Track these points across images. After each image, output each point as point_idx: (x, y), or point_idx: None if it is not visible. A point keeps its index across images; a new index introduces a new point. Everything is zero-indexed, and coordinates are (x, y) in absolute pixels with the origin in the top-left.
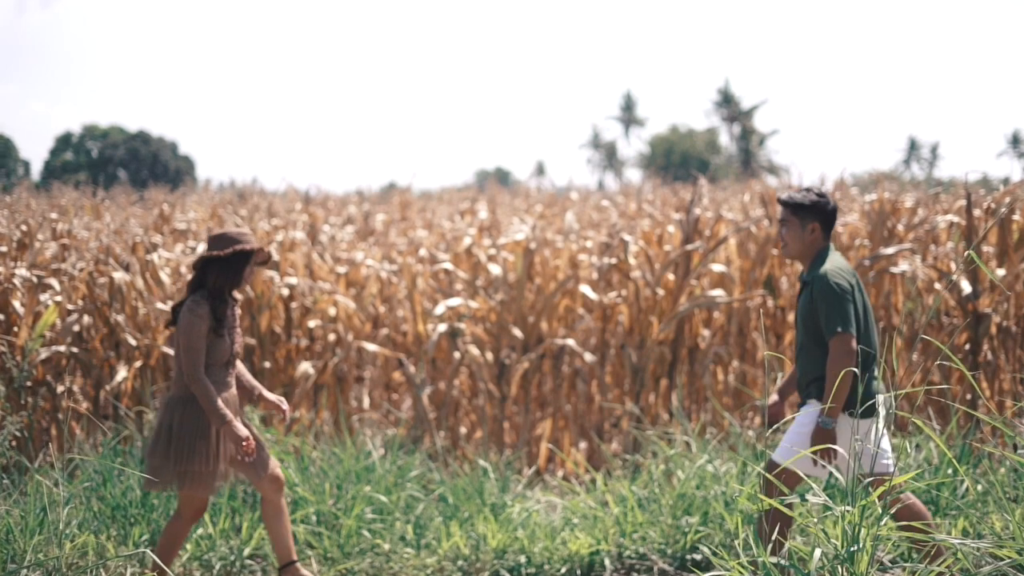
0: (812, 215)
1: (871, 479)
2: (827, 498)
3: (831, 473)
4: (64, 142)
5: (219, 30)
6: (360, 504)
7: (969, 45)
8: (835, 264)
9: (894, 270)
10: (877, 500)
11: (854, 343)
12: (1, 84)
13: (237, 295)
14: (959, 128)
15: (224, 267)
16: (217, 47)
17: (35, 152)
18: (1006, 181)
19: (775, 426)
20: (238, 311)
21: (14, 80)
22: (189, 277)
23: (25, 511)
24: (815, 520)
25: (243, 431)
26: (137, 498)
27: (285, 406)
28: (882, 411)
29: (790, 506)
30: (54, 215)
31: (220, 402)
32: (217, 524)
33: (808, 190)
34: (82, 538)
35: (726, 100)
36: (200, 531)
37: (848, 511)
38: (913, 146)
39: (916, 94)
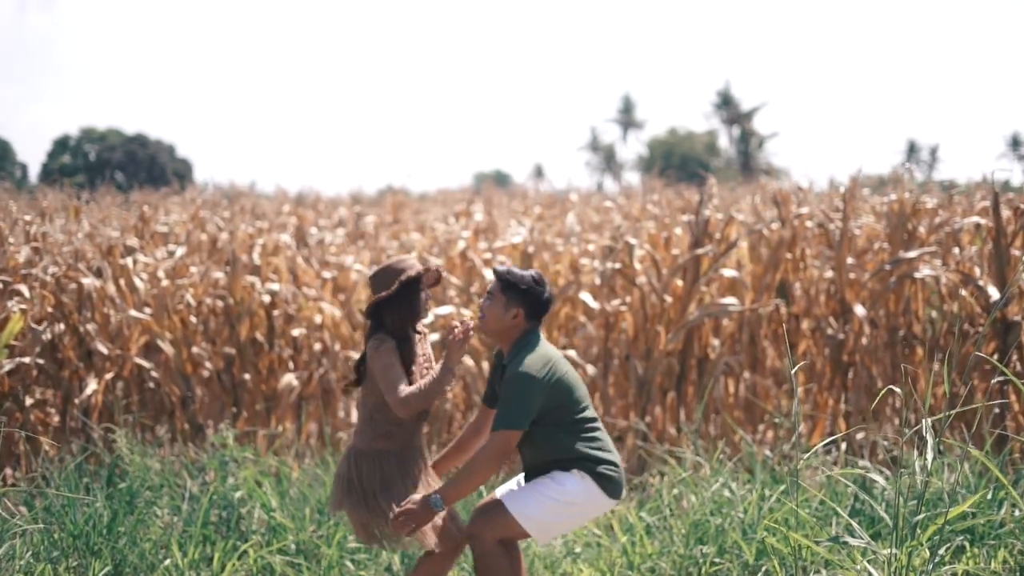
0: (519, 300)
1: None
2: (870, 540)
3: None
4: (62, 145)
5: (217, 33)
6: (343, 531)
7: (968, 47)
8: (538, 356)
9: (916, 275)
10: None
11: (512, 442)
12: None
13: (423, 329)
14: (958, 130)
15: (396, 304)
16: (215, 50)
17: (33, 155)
18: (1006, 184)
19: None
20: (427, 348)
21: (13, 82)
22: (367, 324)
23: None
24: (857, 567)
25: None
26: (102, 525)
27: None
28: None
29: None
30: (28, 217)
31: (428, 381)
32: (187, 554)
33: (527, 273)
34: (39, 569)
35: (726, 102)
36: (167, 562)
37: (895, 555)
38: (912, 148)
39: (915, 96)
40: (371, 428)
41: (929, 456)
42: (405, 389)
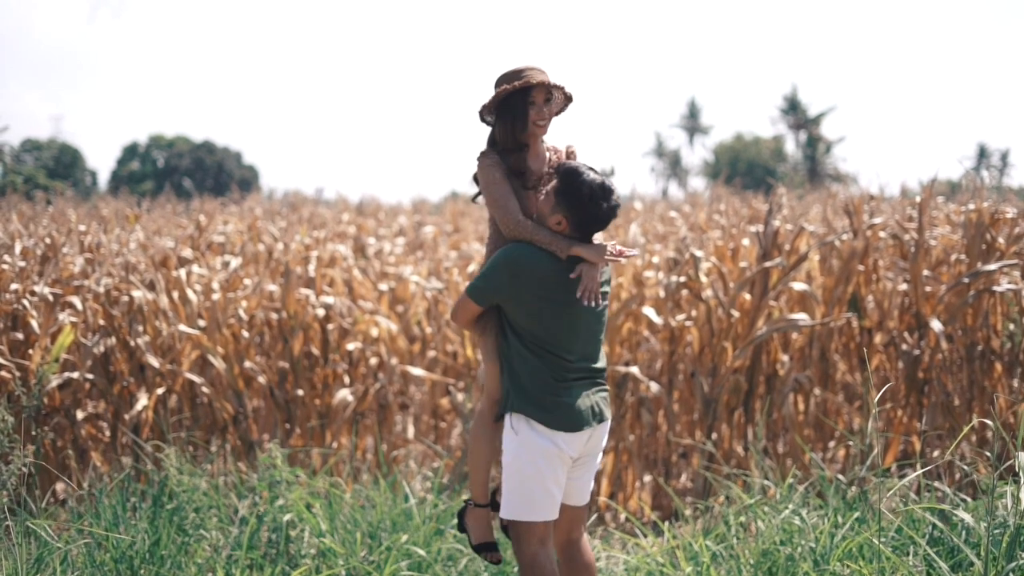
0: (568, 209)
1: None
2: None
3: None
4: (131, 152)
5: (284, 41)
6: (395, 558)
7: None
8: (540, 250)
9: (996, 289)
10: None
11: (465, 308)
12: (70, 93)
13: (538, 144)
14: None
15: (501, 110)
16: (282, 58)
17: (103, 162)
18: None
19: None
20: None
21: (83, 89)
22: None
23: (18, 562)
24: None
25: (595, 246)
26: (144, 548)
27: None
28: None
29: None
30: (83, 227)
31: (546, 233)
32: None
33: (593, 180)
34: None
35: (792, 107)
36: None
37: None
38: (982, 153)
39: (984, 100)
40: (499, 247)
41: (1022, 495)
42: (518, 215)
